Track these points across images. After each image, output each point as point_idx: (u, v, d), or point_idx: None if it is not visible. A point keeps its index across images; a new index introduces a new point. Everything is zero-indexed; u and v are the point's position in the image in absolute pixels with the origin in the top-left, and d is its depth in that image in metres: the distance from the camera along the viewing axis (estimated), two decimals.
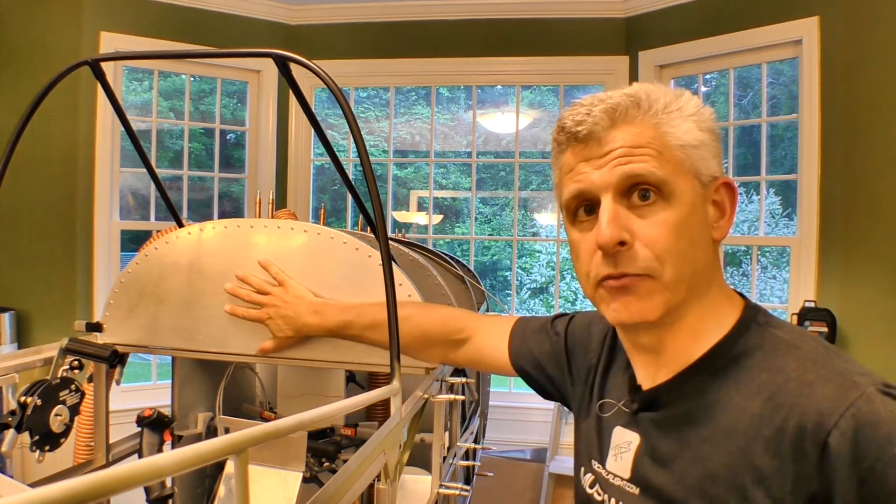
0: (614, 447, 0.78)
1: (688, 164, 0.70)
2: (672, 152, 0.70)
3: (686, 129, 0.71)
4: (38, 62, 3.09)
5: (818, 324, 2.70)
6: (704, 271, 0.72)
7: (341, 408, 0.94)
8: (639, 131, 0.70)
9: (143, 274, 1.52)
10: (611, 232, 0.68)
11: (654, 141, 0.70)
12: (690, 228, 0.70)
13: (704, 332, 0.73)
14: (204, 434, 1.73)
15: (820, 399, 0.62)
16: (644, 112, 0.71)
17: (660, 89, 0.73)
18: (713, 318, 0.73)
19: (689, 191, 0.70)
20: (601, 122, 0.71)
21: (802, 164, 2.91)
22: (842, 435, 0.60)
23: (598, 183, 0.71)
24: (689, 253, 0.70)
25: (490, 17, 3.64)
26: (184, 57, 3.24)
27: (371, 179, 1.15)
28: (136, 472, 0.48)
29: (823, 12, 2.82)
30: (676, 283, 0.70)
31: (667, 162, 0.70)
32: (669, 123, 0.71)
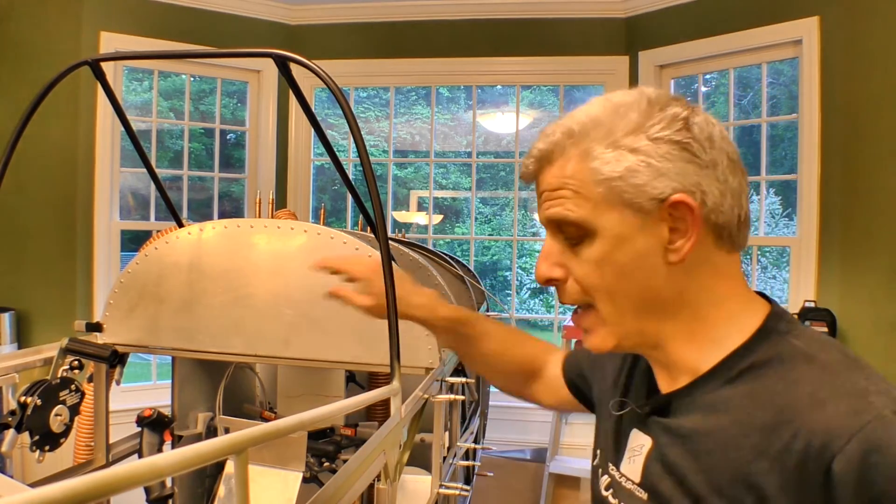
0: (630, 450, 0.77)
1: (613, 196, 0.67)
2: (590, 189, 0.68)
3: (610, 159, 0.67)
4: (38, 62, 3.09)
5: (818, 324, 2.70)
6: (664, 297, 0.69)
7: (341, 408, 0.94)
8: (559, 172, 0.70)
9: (143, 274, 1.52)
10: (540, 271, 0.72)
11: (573, 179, 0.69)
12: (618, 262, 0.68)
13: (714, 341, 0.70)
14: (204, 434, 1.74)
15: (830, 418, 0.58)
16: (573, 145, 0.69)
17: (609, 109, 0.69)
18: (724, 326, 0.70)
19: (618, 224, 0.68)
20: (531, 167, 0.73)
21: (802, 164, 2.91)
22: (847, 460, 0.56)
23: (540, 221, 0.73)
24: (621, 286, 0.69)
25: (490, 17, 3.64)
26: (184, 57, 3.24)
27: (371, 179, 1.15)
28: (136, 472, 0.48)
29: (823, 12, 2.82)
30: (615, 316, 0.70)
31: (584, 200, 0.68)
32: (591, 157, 0.68)
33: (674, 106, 0.68)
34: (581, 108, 0.71)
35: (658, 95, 0.70)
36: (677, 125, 0.67)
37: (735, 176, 0.68)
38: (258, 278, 1.46)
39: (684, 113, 0.68)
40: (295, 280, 1.45)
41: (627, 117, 0.68)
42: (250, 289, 1.47)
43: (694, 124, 0.67)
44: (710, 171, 0.67)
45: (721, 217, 0.68)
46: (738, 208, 0.69)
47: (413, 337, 1.38)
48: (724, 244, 0.70)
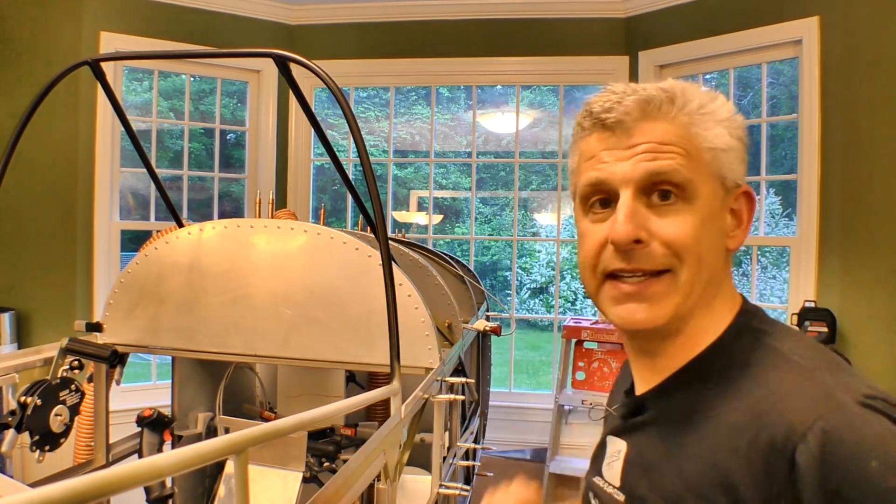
0: (609, 455, 0.78)
1: (714, 167, 0.68)
2: (700, 154, 0.68)
3: (718, 133, 0.69)
4: (38, 62, 3.09)
5: (818, 324, 2.70)
6: (716, 279, 0.70)
7: (341, 408, 0.94)
8: (669, 128, 0.68)
9: (143, 274, 1.52)
10: (628, 228, 0.66)
11: (684, 140, 0.68)
12: (709, 232, 0.68)
13: (700, 337, 0.71)
14: (204, 434, 1.74)
15: (792, 411, 0.59)
16: (678, 109, 0.69)
17: (695, 89, 0.70)
18: (711, 323, 0.71)
19: (711, 195, 0.68)
20: (632, 113, 0.68)
21: (802, 164, 2.91)
22: (808, 450, 0.56)
23: (619, 175, 0.68)
24: (707, 257, 0.68)
25: (490, 17, 3.64)
26: (184, 57, 3.24)
27: (371, 179, 1.15)
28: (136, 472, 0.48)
29: (823, 12, 2.82)
30: (691, 285, 0.67)
31: (694, 163, 0.67)
32: (702, 125, 0.69)
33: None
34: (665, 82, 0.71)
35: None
36: (743, 127, 0.72)
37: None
38: (258, 278, 1.47)
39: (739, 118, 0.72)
40: (295, 280, 1.45)
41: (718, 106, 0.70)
42: (250, 289, 1.47)
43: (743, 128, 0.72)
44: (745, 167, 0.72)
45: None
46: None
47: (413, 337, 1.38)
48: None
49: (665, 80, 0.71)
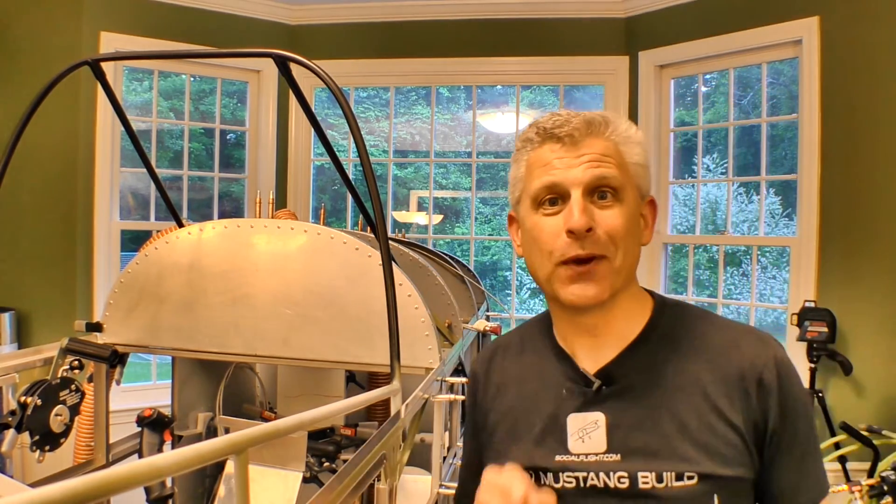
0: (575, 432, 0.87)
1: (635, 178, 0.88)
2: (626, 167, 0.87)
3: (637, 152, 0.89)
4: (38, 62, 3.09)
5: (818, 324, 2.70)
6: (635, 266, 0.89)
7: (341, 408, 0.94)
8: (607, 144, 0.87)
9: (143, 274, 1.52)
10: (583, 219, 0.82)
11: (617, 155, 0.87)
12: (632, 227, 0.87)
13: (632, 315, 0.90)
14: (204, 434, 1.74)
15: (748, 350, 0.85)
16: (611, 131, 0.88)
17: (619, 116, 0.90)
18: (636, 303, 0.91)
19: (633, 199, 0.87)
20: (580, 129, 0.86)
21: (802, 164, 2.91)
22: (769, 372, 0.84)
23: (570, 179, 0.85)
24: (631, 246, 0.87)
25: (490, 17, 3.64)
26: (184, 57, 3.24)
27: (371, 179, 1.15)
28: (136, 472, 0.48)
29: (823, 12, 2.82)
30: (622, 268, 0.85)
31: (623, 173, 0.86)
32: (627, 144, 0.88)
33: None
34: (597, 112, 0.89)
35: None
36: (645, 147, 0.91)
37: None
38: (258, 278, 1.46)
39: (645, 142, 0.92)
40: (295, 280, 1.45)
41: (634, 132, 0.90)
42: (250, 289, 1.47)
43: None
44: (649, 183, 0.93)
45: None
46: None
47: (413, 337, 1.38)
48: None
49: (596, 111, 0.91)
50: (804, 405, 0.87)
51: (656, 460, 0.82)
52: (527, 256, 0.91)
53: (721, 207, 9.28)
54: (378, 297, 1.31)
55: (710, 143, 6.70)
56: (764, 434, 0.84)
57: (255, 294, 1.46)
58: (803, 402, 0.87)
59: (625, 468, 0.83)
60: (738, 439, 0.82)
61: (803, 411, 0.86)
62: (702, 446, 0.82)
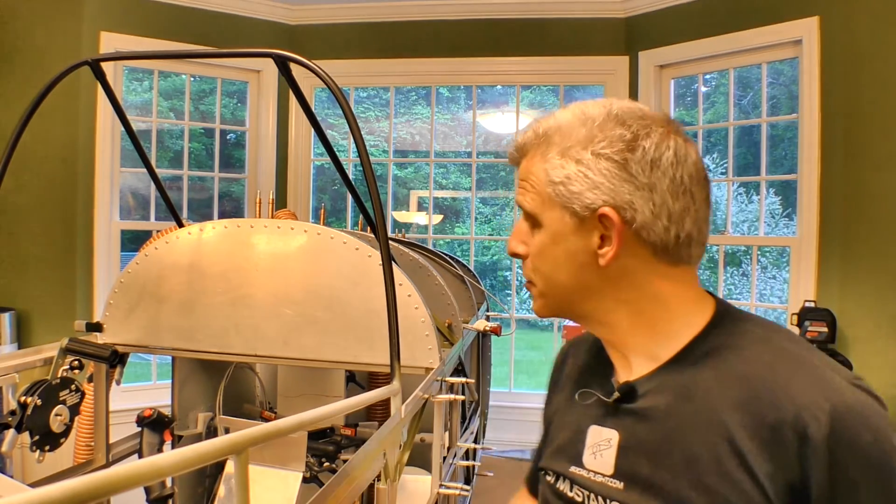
0: (591, 446, 0.80)
1: (555, 197, 0.77)
2: (543, 187, 0.77)
3: (558, 164, 0.76)
4: (38, 62, 3.09)
5: (818, 324, 2.70)
6: (597, 289, 0.78)
7: (341, 408, 0.94)
8: (527, 165, 0.80)
9: (143, 274, 1.52)
10: (509, 245, 0.83)
11: (533, 175, 0.79)
12: (553, 254, 0.78)
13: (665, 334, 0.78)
14: (204, 434, 1.74)
15: (798, 393, 0.68)
16: (536, 146, 0.79)
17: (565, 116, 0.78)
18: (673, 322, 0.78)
19: (557, 221, 0.77)
20: (514, 155, 0.82)
21: (802, 164, 2.91)
22: (819, 426, 0.65)
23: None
24: (553, 274, 0.79)
25: (490, 17, 3.64)
26: (184, 57, 3.24)
27: (371, 179, 1.15)
28: (136, 472, 0.48)
29: (823, 12, 2.82)
30: (547, 294, 0.81)
31: (537, 195, 0.78)
32: (548, 161, 0.77)
33: (629, 124, 0.74)
34: (558, 112, 0.80)
35: (623, 111, 0.76)
36: (619, 145, 0.74)
37: (678, 200, 0.74)
38: (258, 278, 1.46)
39: (630, 135, 0.74)
40: (295, 280, 1.45)
41: (581, 130, 0.76)
42: (250, 289, 1.47)
43: (640, 147, 0.74)
44: (645, 192, 0.73)
45: (652, 235, 0.74)
46: (677, 228, 0.74)
47: (413, 337, 1.38)
48: (664, 257, 0.76)
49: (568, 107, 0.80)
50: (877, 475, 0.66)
51: (656, 498, 0.73)
52: None
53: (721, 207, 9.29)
54: (378, 297, 1.31)
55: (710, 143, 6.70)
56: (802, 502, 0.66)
57: (255, 294, 1.46)
58: (876, 472, 0.66)
59: (624, 499, 0.75)
60: (759, 495, 0.67)
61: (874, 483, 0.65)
62: (709, 492, 0.69)
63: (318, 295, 1.44)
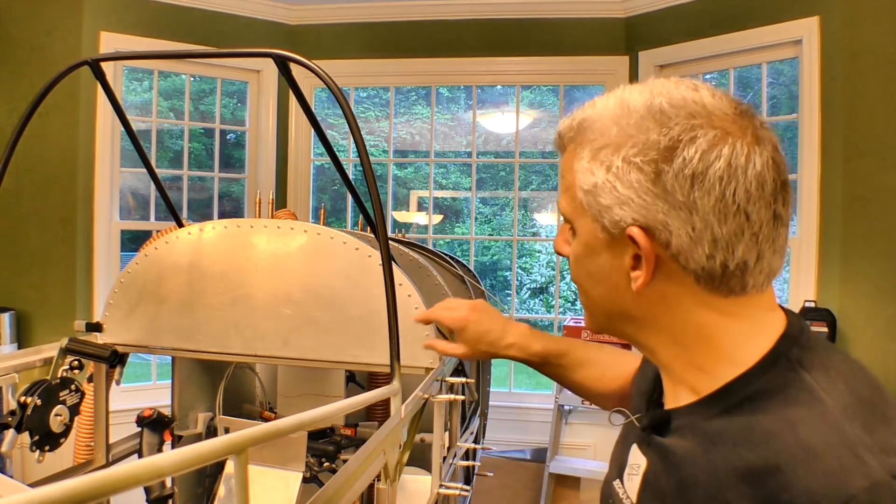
0: (630, 466, 0.75)
1: (587, 207, 0.65)
2: (575, 191, 0.66)
3: (585, 169, 0.64)
4: (38, 62, 3.09)
5: (818, 324, 2.70)
6: (633, 314, 0.68)
7: (341, 408, 0.94)
8: (565, 160, 0.68)
9: (143, 274, 1.52)
10: (555, 243, 0.76)
11: (568, 174, 0.67)
12: (588, 267, 0.69)
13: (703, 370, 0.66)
14: (204, 434, 1.74)
15: (818, 475, 0.54)
16: (570, 140, 0.67)
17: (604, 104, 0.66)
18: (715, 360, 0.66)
19: (589, 232, 0.66)
20: (556, 143, 0.71)
21: (802, 164, 2.91)
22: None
23: None
24: (590, 289, 0.71)
25: (490, 17, 3.64)
26: (184, 57, 3.24)
27: (371, 179, 1.15)
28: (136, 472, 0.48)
29: (823, 12, 2.82)
30: (587, 308, 0.74)
31: (571, 198, 0.67)
32: (579, 158, 0.65)
33: (670, 126, 0.60)
34: (599, 99, 0.67)
35: (670, 106, 0.61)
36: (651, 153, 0.60)
37: (726, 223, 0.60)
38: (258, 278, 1.46)
39: (667, 141, 0.60)
40: (295, 280, 1.45)
41: (614, 128, 0.63)
42: (250, 289, 1.47)
43: (679, 156, 0.59)
44: (682, 212, 0.60)
45: (692, 262, 0.61)
46: (724, 256, 0.61)
47: (413, 337, 1.38)
48: (710, 287, 0.63)
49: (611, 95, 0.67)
50: None
51: None
52: None
53: None
54: (378, 297, 1.31)
55: None
56: None
57: (255, 294, 1.46)
58: None
59: None
60: None
61: None
62: None
63: (318, 295, 1.44)
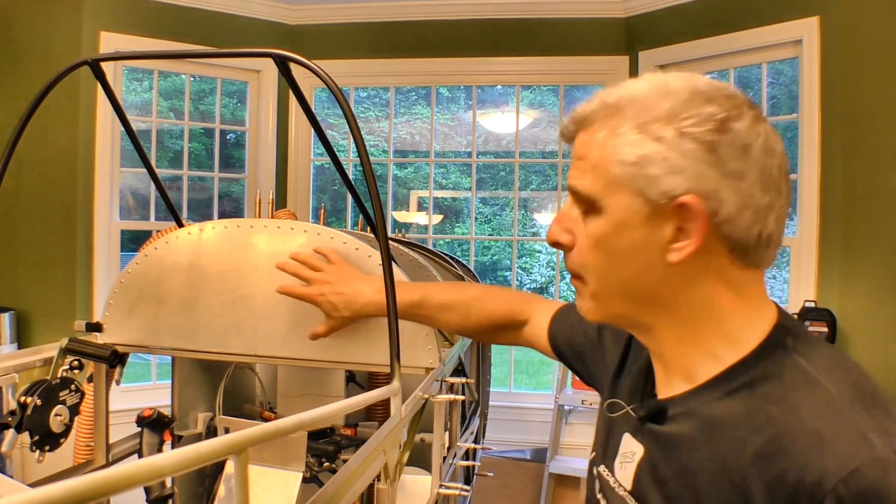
0: (622, 454, 0.77)
1: (625, 180, 0.66)
2: (608, 166, 0.66)
3: (630, 142, 0.65)
4: (38, 62, 3.09)
5: (818, 324, 2.70)
6: (655, 293, 0.69)
7: (341, 408, 0.94)
8: (588, 140, 0.69)
9: (143, 274, 1.52)
10: (550, 232, 0.73)
11: (596, 152, 0.67)
12: (618, 247, 0.68)
13: (709, 354, 0.69)
14: (204, 434, 1.73)
15: (826, 456, 0.57)
16: (604, 117, 0.68)
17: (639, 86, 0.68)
18: (721, 342, 0.68)
19: (624, 208, 0.66)
20: (570, 125, 0.72)
21: (802, 164, 2.91)
22: (838, 499, 0.55)
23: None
24: (612, 270, 0.69)
25: (490, 17, 3.64)
26: (184, 57, 3.24)
27: (371, 179, 1.15)
28: (136, 472, 0.48)
29: (823, 12, 2.82)
30: (603, 296, 0.71)
31: (599, 176, 0.67)
32: (619, 133, 0.66)
33: (719, 103, 0.64)
34: (630, 81, 0.69)
35: (710, 88, 0.66)
36: (709, 124, 0.63)
37: (766, 193, 0.65)
38: (258, 278, 1.46)
39: (723, 114, 0.64)
40: (295, 280, 1.45)
41: (663, 103, 0.65)
42: (250, 289, 1.47)
43: (732, 129, 0.63)
44: (733, 181, 0.64)
45: (735, 231, 0.65)
46: (760, 226, 0.66)
47: (413, 337, 1.38)
48: (737, 258, 0.67)
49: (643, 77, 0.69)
50: None
51: None
52: None
53: None
54: None
55: None
56: None
57: (255, 294, 1.46)
58: None
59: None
60: None
61: None
62: None
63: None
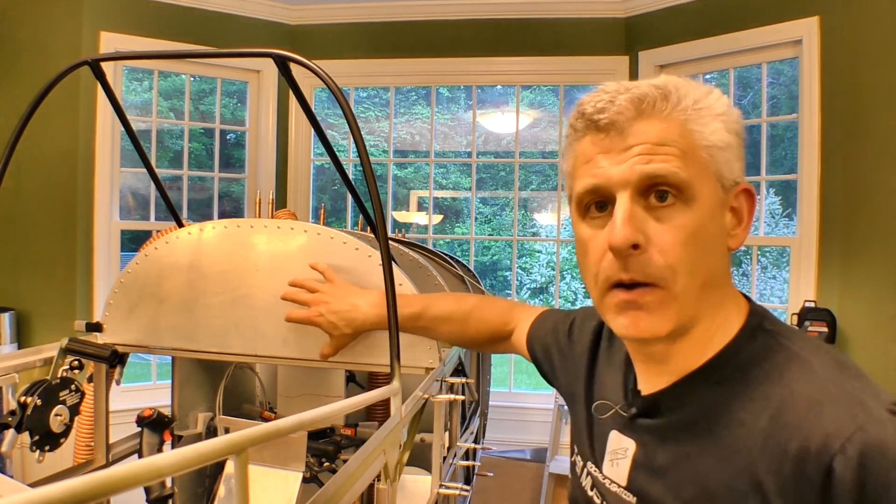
0: (610, 452, 0.77)
1: (712, 166, 0.66)
2: (697, 153, 0.65)
3: (714, 129, 0.66)
4: (38, 62, 3.09)
5: (818, 324, 2.70)
6: (717, 282, 0.68)
7: (341, 408, 0.94)
8: (665, 126, 0.65)
9: (143, 274, 1.52)
10: (625, 233, 0.64)
11: (680, 139, 0.65)
12: (707, 236, 0.66)
13: (712, 340, 0.69)
14: (204, 434, 1.73)
15: (827, 421, 0.58)
16: (672, 106, 0.66)
17: (689, 84, 0.68)
18: (721, 326, 0.69)
19: (711, 195, 0.66)
20: (625, 113, 0.66)
21: (802, 164, 2.91)
22: (847, 459, 0.56)
23: (615, 179, 0.65)
24: (704, 263, 0.66)
25: (490, 17, 3.64)
26: (184, 57, 3.24)
27: (371, 179, 1.15)
28: (136, 472, 0.48)
29: (823, 12, 2.82)
30: (687, 294, 0.65)
31: (691, 163, 0.65)
32: (698, 121, 0.66)
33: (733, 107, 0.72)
34: (658, 78, 0.69)
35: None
36: (740, 124, 0.70)
37: None
38: (258, 278, 1.46)
39: (740, 116, 0.71)
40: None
41: (714, 100, 0.68)
42: (250, 289, 1.47)
43: (744, 127, 0.71)
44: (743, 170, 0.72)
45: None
46: None
47: (413, 337, 1.38)
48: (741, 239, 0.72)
49: (658, 76, 0.69)
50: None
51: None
52: (580, 270, 0.72)
53: None
54: None
55: None
56: None
57: (255, 294, 1.46)
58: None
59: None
60: None
61: None
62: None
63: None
